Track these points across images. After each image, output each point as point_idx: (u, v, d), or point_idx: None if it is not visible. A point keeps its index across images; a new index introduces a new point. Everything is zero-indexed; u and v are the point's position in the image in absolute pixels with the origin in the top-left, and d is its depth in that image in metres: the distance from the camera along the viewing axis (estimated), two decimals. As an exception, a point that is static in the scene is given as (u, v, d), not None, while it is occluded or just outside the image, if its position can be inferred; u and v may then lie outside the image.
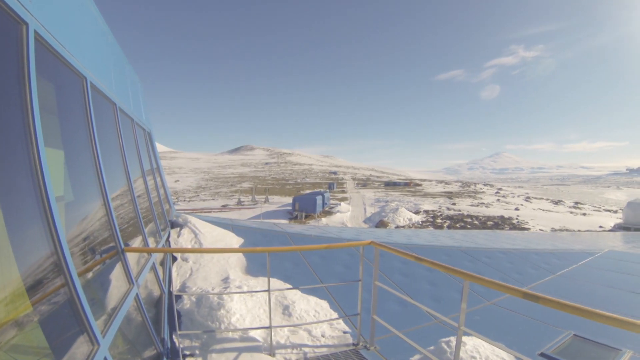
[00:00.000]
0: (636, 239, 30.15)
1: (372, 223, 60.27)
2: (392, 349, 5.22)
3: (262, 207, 70.95)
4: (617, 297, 8.89)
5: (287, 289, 5.66)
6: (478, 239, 15.99)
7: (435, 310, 6.99)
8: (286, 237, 10.33)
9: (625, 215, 61.02)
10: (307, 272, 8.14)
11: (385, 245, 5.05)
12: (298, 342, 5.10)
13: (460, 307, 3.77)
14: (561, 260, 12.31)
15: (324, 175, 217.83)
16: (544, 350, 5.56)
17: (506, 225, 62.33)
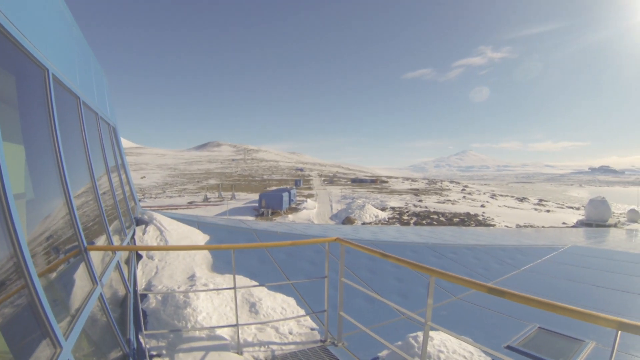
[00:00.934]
0: (597, 234, 31.28)
1: (338, 220, 60.42)
2: (360, 345, 5.27)
3: (229, 204, 70.32)
4: (579, 290, 9.20)
5: (254, 286, 5.65)
6: (444, 235, 16.24)
7: (402, 306, 7.07)
8: (252, 234, 10.30)
9: (587, 212, 63.19)
10: (274, 269, 8.14)
11: (351, 242, 5.07)
12: (265, 339, 5.10)
13: (427, 303, 3.82)
14: (525, 255, 12.63)
15: (291, 172, 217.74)
16: (510, 343, 5.71)
17: (472, 222, 63.46)
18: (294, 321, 5.64)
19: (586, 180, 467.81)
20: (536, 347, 5.61)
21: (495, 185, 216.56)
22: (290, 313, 5.80)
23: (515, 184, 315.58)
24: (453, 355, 4.50)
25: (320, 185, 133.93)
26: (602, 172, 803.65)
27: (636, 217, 65.76)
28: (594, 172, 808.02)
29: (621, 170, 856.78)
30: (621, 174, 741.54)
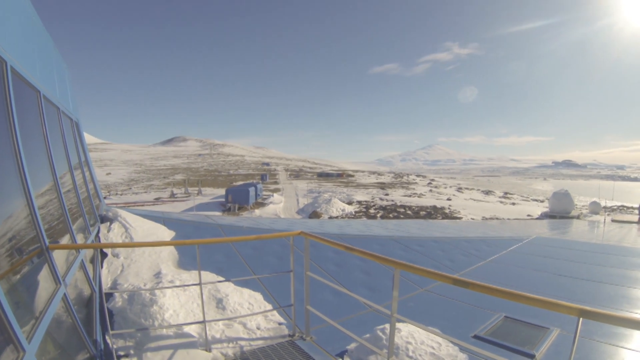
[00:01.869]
0: (561, 226, 32.28)
1: (305, 214, 60.84)
2: (328, 339, 5.30)
3: (195, 200, 69.90)
4: (543, 280, 9.51)
5: (220, 281, 5.69)
6: (410, 228, 16.45)
7: (370, 299, 7.15)
8: (218, 229, 10.26)
9: (551, 204, 65.79)
10: (240, 264, 8.11)
11: (315, 236, 5.10)
12: (233, 335, 5.09)
13: (392, 295, 3.88)
14: (491, 247, 12.93)
15: (257, 166, 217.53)
16: (477, 332, 5.83)
17: (439, 215, 64.58)
18: (262, 316, 5.64)
19: (550, 174, 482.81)
20: (502, 335, 5.75)
21: (461, 179, 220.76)
22: (257, 308, 5.78)
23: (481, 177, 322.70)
24: (421, 346, 4.59)
25: (287, 179, 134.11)
26: (565, 166, 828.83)
27: (598, 209, 68.92)
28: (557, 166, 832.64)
29: (583, 165, 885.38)
30: (583, 168, 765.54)
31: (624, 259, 12.29)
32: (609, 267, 11.01)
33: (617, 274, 10.25)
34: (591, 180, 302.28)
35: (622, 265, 11.33)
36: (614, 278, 9.73)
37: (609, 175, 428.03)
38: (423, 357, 4.47)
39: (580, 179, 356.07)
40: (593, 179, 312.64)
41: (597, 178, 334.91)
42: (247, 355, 4.77)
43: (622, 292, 8.52)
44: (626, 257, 12.78)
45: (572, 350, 2.66)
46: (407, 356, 4.47)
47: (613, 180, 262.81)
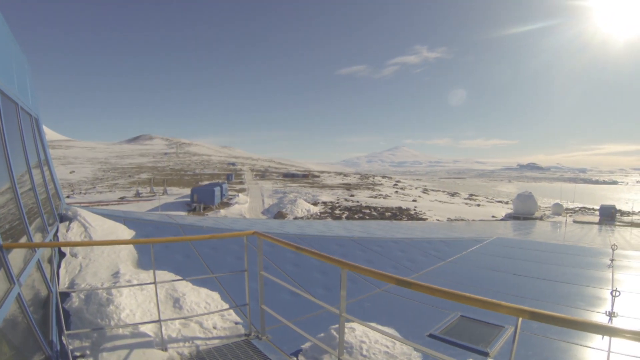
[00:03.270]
0: (523, 226, 33.22)
1: (270, 214, 61.05)
2: (284, 338, 5.37)
3: (161, 199, 69.27)
4: (501, 279, 9.83)
5: (175, 280, 5.72)
6: (372, 229, 16.63)
7: (326, 299, 7.24)
8: (178, 229, 10.28)
9: (515, 205, 68.13)
10: (199, 263, 8.16)
11: (268, 236, 5.17)
12: (190, 335, 5.12)
13: (340, 295, 3.99)
14: (451, 247, 13.19)
15: (223, 166, 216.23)
16: (433, 332, 6.00)
17: (404, 216, 65.38)
18: (218, 315, 5.67)
19: (514, 176, 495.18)
20: (457, 334, 5.92)
21: (427, 181, 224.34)
22: (214, 307, 5.82)
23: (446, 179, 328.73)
24: (375, 345, 4.72)
25: (252, 179, 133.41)
26: (530, 169, 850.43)
27: (560, 210, 71.90)
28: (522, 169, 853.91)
29: (547, 167, 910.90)
30: (547, 171, 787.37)
31: (580, 259, 12.76)
32: (565, 267, 11.43)
33: (573, 272, 10.66)
34: (554, 182, 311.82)
35: (578, 264, 11.77)
36: (569, 277, 10.12)
37: (572, 178, 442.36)
38: (377, 356, 4.59)
39: (544, 181, 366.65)
40: (556, 182, 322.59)
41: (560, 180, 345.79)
42: (203, 354, 4.82)
43: (576, 290, 8.87)
44: (582, 256, 13.27)
45: (513, 349, 2.83)
46: (361, 355, 4.58)
47: (575, 183, 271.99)
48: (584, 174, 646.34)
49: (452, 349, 5.43)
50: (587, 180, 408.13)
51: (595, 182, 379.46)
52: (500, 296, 8.21)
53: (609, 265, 11.45)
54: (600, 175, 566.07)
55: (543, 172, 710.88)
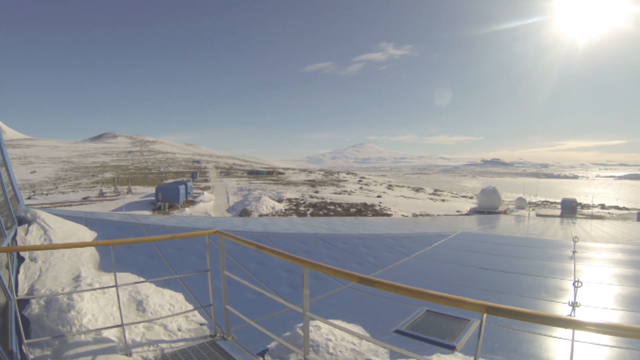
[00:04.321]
0: (487, 221, 33.90)
1: (235, 212, 61.48)
2: (250, 338, 5.31)
3: (125, 199, 68.49)
4: (466, 273, 9.95)
5: (138, 282, 5.61)
6: (336, 226, 16.65)
7: (291, 297, 7.21)
8: (141, 229, 10.13)
9: (479, 200, 70.08)
10: (162, 264, 8.03)
11: (230, 234, 5.13)
12: (154, 338, 5.01)
13: (303, 294, 3.99)
14: (416, 243, 13.26)
15: (188, 164, 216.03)
16: (399, 327, 6.00)
17: (369, 212, 66.12)
18: (183, 317, 5.59)
19: (479, 172, 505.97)
20: (424, 329, 5.94)
21: (391, 177, 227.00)
22: (178, 309, 5.73)
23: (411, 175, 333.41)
24: (342, 343, 4.70)
25: (217, 177, 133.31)
26: (494, 165, 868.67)
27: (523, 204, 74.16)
28: (486, 165, 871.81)
29: (511, 163, 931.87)
30: (511, 166, 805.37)
31: (543, 251, 13.08)
32: (529, 259, 11.68)
33: (536, 265, 10.90)
34: (518, 177, 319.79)
35: (541, 256, 12.04)
36: (533, 269, 10.35)
37: (534, 173, 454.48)
38: (344, 354, 4.57)
39: (508, 176, 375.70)
40: (519, 177, 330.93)
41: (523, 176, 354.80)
42: (168, 357, 4.73)
43: (540, 282, 9.08)
44: (545, 249, 13.60)
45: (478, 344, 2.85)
46: (328, 353, 4.56)
47: (538, 178, 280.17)
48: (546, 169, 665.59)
49: (419, 344, 5.45)
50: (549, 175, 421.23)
51: (557, 177, 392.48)
52: (465, 290, 8.36)
53: (571, 257, 11.77)
54: (561, 170, 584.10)
55: (506, 168, 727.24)
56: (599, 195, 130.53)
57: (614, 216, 74.36)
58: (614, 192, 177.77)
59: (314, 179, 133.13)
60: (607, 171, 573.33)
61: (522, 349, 5.45)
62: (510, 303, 7.38)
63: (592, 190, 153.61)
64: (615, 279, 9.81)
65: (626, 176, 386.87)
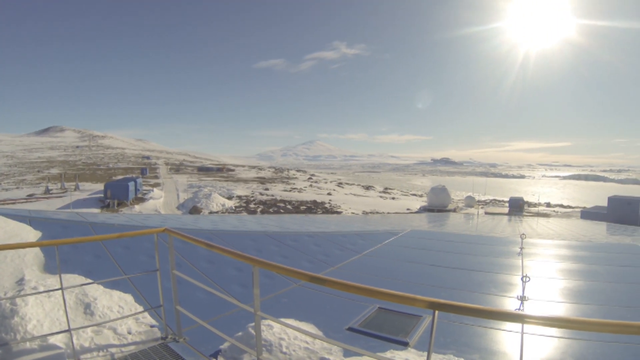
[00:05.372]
0: (437, 219, 34.68)
1: (185, 209, 60.99)
2: (202, 339, 5.26)
3: (72, 196, 66.50)
4: (417, 271, 10.13)
5: (85, 284, 5.43)
6: (286, 224, 16.73)
7: (243, 296, 7.20)
8: (88, 227, 9.90)
9: (429, 198, 71.95)
10: (111, 264, 7.87)
11: (179, 233, 5.13)
12: (103, 342, 4.87)
13: (253, 293, 3.98)
14: (366, 240, 13.41)
15: (137, 160, 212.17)
16: (351, 325, 6.05)
17: (319, 210, 66.54)
18: (133, 319, 5.45)
19: (429, 170, 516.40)
20: (376, 326, 6.03)
21: (341, 174, 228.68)
22: (128, 311, 5.58)
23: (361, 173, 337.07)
24: (295, 342, 4.71)
25: (167, 173, 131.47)
26: (443, 164, 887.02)
27: (472, 202, 76.60)
28: (435, 164, 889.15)
29: (460, 162, 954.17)
30: (460, 165, 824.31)
31: (492, 248, 13.51)
32: (479, 256, 12.04)
33: (486, 261, 11.27)
34: (467, 176, 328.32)
35: (490, 253, 12.44)
36: (483, 265, 10.69)
37: (483, 172, 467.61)
38: (297, 353, 4.58)
39: (457, 175, 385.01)
40: (469, 176, 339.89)
41: (472, 175, 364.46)
42: None
43: (490, 278, 9.37)
44: (494, 246, 14.08)
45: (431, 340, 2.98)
46: (281, 352, 4.55)
47: (486, 177, 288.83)
48: (495, 168, 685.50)
49: (372, 341, 5.51)
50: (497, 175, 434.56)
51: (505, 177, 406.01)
52: (417, 287, 8.52)
53: (518, 253, 12.17)
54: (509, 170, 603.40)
55: (456, 167, 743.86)
56: (545, 194, 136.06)
57: (559, 214, 77.37)
58: (559, 192, 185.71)
59: (264, 176, 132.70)
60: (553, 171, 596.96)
61: (474, 343, 5.62)
62: (461, 299, 7.63)
63: (539, 190, 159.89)
64: (560, 273, 10.30)
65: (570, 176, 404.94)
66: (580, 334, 5.70)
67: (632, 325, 2.57)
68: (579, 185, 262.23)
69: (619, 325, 2.65)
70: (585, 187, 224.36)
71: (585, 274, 10.24)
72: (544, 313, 2.60)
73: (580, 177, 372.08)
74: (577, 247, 15.38)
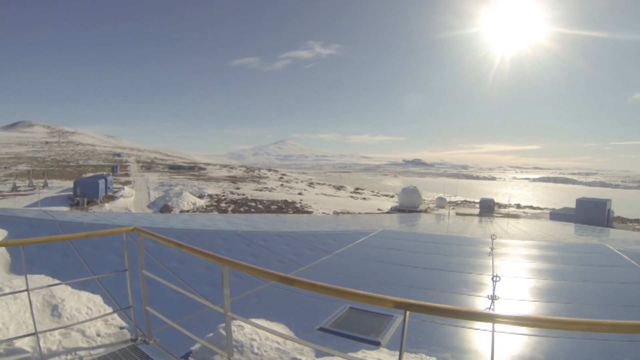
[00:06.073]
0: (408, 219, 35.01)
1: (156, 208, 60.53)
2: (173, 340, 5.20)
3: (41, 193, 65.48)
4: (388, 271, 10.22)
5: (53, 285, 5.33)
6: (256, 223, 16.74)
7: (214, 296, 7.20)
8: (56, 226, 9.72)
9: (400, 199, 72.85)
10: (79, 264, 7.73)
11: (149, 232, 5.05)
12: (72, 346, 4.77)
13: (223, 294, 3.98)
14: (337, 240, 13.44)
15: (108, 157, 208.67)
16: (323, 325, 6.06)
17: (290, 209, 66.60)
18: (102, 321, 5.36)
19: (400, 171, 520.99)
20: (348, 326, 6.06)
21: (313, 174, 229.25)
22: (96, 312, 5.49)
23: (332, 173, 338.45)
24: (266, 342, 4.68)
25: (138, 171, 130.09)
26: (415, 165, 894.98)
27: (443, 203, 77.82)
28: (407, 165, 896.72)
29: (431, 164, 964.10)
30: (431, 167, 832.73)
31: (463, 248, 13.70)
32: (450, 256, 12.21)
33: (457, 261, 11.44)
34: (438, 178, 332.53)
35: (461, 253, 12.63)
36: (454, 265, 10.83)
37: (455, 174, 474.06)
38: (269, 353, 4.57)
39: (429, 176, 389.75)
40: (440, 177, 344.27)
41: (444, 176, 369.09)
42: None
43: (461, 278, 9.54)
44: (465, 246, 14.28)
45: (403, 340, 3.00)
46: (252, 353, 4.53)
47: (458, 178, 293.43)
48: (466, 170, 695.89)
49: (344, 341, 5.53)
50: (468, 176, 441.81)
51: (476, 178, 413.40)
52: (388, 287, 8.59)
53: (489, 253, 12.38)
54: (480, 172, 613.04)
55: (428, 168, 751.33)
56: (515, 196, 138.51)
57: (529, 215, 78.91)
58: (529, 193, 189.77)
59: (235, 175, 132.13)
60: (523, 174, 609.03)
61: (445, 342, 5.68)
62: (433, 298, 7.72)
63: (509, 191, 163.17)
64: (530, 272, 10.53)
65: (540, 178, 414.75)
66: (550, 332, 5.81)
67: (600, 323, 2.63)
68: (548, 187, 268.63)
69: (588, 324, 2.72)
70: (554, 189, 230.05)
71: (554, 273, 10.50)
72: (515, 312, 2.66)
73: (549, 180, 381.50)
74: (546, 247, 15.76)
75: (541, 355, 5.32)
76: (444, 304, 2.92)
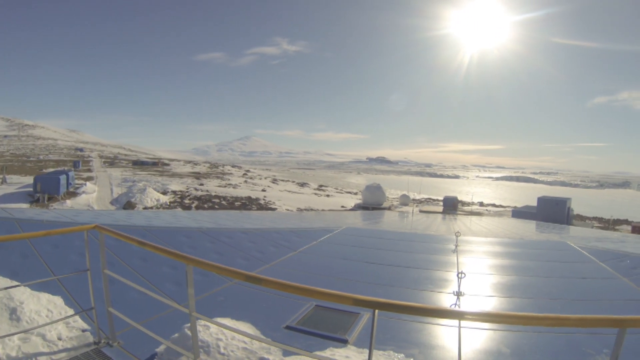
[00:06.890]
0: (372, 216, 35.26)
1: (119, 204, 59.73)
2: (137, 342, 5.10)
3: None
4: (354, 268, 10.28)
5: (10, 287, 5.18)
6: (220, 220, 16.64)
7: (178, 295, 7.10)
8: (14, 224, 9.40)
9: (364, 196, 73.42)
10: (38, 264, 7.49)
11: (110, 230, 4.95)
12: (32, 351, 4.62)
13: (188, 293, 3.95)
14: (302, 237, 13.47)
15: (70, 152, 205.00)
16: (289, 323, 6.04)
17: (254, 206, 66.62)
18: (63, 324, 5.20)
19: (364, 169, 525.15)
20: (314, 323, 6.06)
21: (277, 171, 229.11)
22: (57, 315, 5.32)
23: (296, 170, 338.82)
24: (232, 342, 4.65)
25: (101, 167, 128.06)
26: (379, 163, 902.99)
27: (407, 200, 78.87)
28: (371, 162, 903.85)
29: (395, 161, 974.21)
30: (395, 165, 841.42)
31: (428, 245, 13.92)
32: (415, 253, 12.35)
33: (422, 258, 11.58)
34: (402, 175, 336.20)
35: (426, 250, 12.81)
36: (419, 262, 10.98)
37: (419, 172, 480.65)
38: (236, 353, 4.53)
39: (393, 174, 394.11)
40: (404, 175, 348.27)
41: (407, 174, 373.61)
42: None
43: (426, 275, 9.67)
44: (430, 243, 14.52)
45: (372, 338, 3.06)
46: (219, 353, 4.49)
47: (422, 177, 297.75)
48: (430, 168, 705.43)
49: (311, 339, 5.52)
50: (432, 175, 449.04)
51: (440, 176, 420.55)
52: (354, 285, 8.60)
53: (453, 250, 12.61)
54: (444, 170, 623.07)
55: (392, 166, 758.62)
56: (478, 194, 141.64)
57: (491, 213, 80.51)
58: (492, 192, 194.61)
59: (199, 171, 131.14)
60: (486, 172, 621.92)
61: (413, 339, 5.74)
62: (399, 295, 7.78)
63: (472, 189, 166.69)
64: (493, 269, 10.78)
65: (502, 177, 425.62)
66: (516, 326, 5.96)
67: (569, 318, 2.69)
68: (510, 186, 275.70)
69: (557, 319, 2.78)
70: (516, 188, 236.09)
71: (517, 269, 10.76)
72: (481, 308, 2.70)
73: (511, 179, 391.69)
74: (509, 244, 16.16)
75: (507, 349, 5.43)
76: (411, 301, 2.96)
